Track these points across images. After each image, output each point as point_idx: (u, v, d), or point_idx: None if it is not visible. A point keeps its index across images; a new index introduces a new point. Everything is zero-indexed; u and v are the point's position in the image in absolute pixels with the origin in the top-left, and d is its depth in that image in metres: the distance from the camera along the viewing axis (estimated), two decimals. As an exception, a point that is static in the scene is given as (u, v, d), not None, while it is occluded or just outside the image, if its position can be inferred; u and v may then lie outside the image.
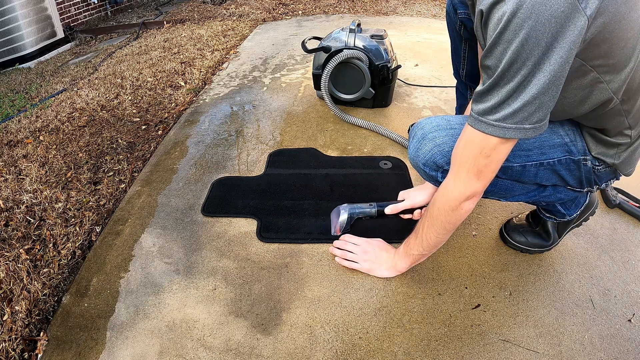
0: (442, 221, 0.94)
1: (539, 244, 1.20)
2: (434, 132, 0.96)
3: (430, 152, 0.96)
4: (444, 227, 0.96)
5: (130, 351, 1.00)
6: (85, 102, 2.46)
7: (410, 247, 1.08)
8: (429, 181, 1.06)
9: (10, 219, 1.45)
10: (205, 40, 3.49)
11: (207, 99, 2.34)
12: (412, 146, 1.02)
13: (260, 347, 0.99)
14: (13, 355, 1.00)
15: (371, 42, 1.91)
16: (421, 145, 0.98)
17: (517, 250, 1.22)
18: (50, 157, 1.83)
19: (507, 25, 0.66)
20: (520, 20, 0.65)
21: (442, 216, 0.93)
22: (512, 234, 1.23)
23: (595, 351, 0.96)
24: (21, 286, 1.17)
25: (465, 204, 0.89)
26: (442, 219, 0.94)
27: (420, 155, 0.99)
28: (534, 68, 0.68)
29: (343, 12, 4.48)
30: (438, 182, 1.00)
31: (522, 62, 0.68)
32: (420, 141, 0.98)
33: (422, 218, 1.03)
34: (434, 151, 0.96)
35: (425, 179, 1.06)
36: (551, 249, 1.21)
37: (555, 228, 1.18)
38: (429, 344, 0.98)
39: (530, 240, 1.20)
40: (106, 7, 5.74)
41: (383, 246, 1.19)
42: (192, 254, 1.26)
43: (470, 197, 0.87)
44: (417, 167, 1.03)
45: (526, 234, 1.21)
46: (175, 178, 1.63)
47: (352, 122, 1.92)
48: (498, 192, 1.02)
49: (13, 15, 4.10)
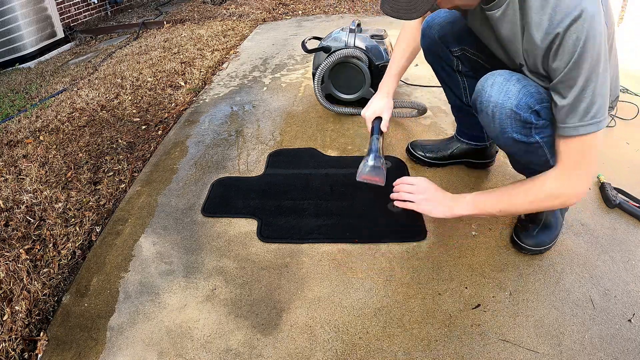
0: (541, 204, 1.02)
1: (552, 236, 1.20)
2: (515, 76, 0.96)
3: (520, 92, 0.94)
4: (537, 207, 1.04)
5: (130, 351, 1.00)
6: (85, 102, 2.46)
7: (484, 201, 1.08)
8: (515, 132, 0.98)
9: (10, 219, 1.45)
10: (205, 40, 3.49)
11: (207, 99, 2.34)
12: (495, 91, 0.96)
13: (260, 347, 0.99)
14: (13, 355, 1.00)
15: (371, 42, 1.91)
16: (508, 88, 0.95)
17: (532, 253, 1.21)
18: (50, 157, 1.83)
19: (585, 45, 0.81)
20: (592, 41, 0.81)
21: (544, 200, 0.99)
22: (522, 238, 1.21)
23: (595, 351, 0.96)
24: (21, 286, 1.17)
25: (572, 199, 1.00)
26: (543, 203, 1.01)
27: (511, 97, 0.94)
28: (602, 70, 0.84)
29: (343, 12, 4.48)
30: (532, 125, 0.96)
31: (596, 68, 0.83)
32: (505, 84, 0.95)
33: (514, 184, 1.06)
34: (524, 92, 0.94)
35: (512, 129, 0.97)
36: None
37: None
38: (429, 344, 0.98)
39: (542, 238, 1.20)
40: (106, 7, 5.74)
41: (437, 187, 1.19)
42: (192, 254, 1.26)
43: (579, 195, 0.98)
44: (505, 112, 0.96)
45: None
46: (175, 178, 1.63)
47: (347, 112, 1.96)
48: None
49: (13, 15, 4.10)
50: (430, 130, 1.87)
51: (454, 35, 1.26)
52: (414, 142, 1.64)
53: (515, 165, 1.20)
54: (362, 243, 1.26)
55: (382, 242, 1.26)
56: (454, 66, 1.33)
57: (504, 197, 1.06)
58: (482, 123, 1.06)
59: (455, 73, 1.35)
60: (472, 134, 1.50)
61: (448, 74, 1.37)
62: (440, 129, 1.87)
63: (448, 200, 1.15)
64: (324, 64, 1.84)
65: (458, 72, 1.35)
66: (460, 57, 1.30)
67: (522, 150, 1.03)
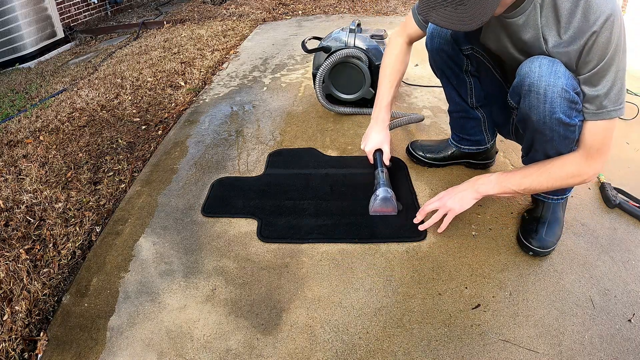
0: (562, 181, 1.08)
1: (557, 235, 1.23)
2: (556, 60, 1.00)
3: (566, 73, 0.98)
4: (559, 185, 1.09)
5: (130, 351, 1.00)
6: (85, 102, 2.46)
7: (508, 179, 1.13)
8: (562, 112, 0.99)
9: (10, 219, 1.45)
10: (205, 40, 3.49)
11: (207, 99, 2.34)
12: (544, 71, 0.98)
13: (260, 347, 0.99)
14: (13, 355, 1.00)
15: (371, 42, 1.91)
16: (556, 69, 0.98)
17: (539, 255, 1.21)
18: (50, 157, 1.83)
19: (617, 41, 0.91)
20: (621, 36, 0.91)
21: (564, 179, 1.07)
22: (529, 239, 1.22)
23: (595, 351, 0.96)
24: (21, 286, 1.17)
25: (590, 179, 1.07)
26: (563, 181, 1.08)
27: (561, 77, 0.97)
28: (624, 60, 0.94)
29: (343, 12, 4.48)
30: (576, 106, 0.99)
31: (623, 60, 0.94)
32: (552, 65, 0.98)
33: (535, 164, 1.12)
34: (568, 74, 0.98)
35: (561, 109, 0.99)
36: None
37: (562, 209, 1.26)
38: (429, 344, 0.98)
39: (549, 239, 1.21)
40: (106, 7, 5.74)
41: (456, 188, 1.23)
42: (192, 254, 1.26)
43: (595, 175, 1.08)
44: (557, 90, 0.97)
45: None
46: (175, 178, 1.63)
47: (347, 111, 1.97)
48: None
49: (13, 15, 4.10)
50: (431, 130, 1.87)
51: (466, 33, 1.26)
52: (414, 143, 1.64)
53: (535, 154, 1.17)
54: (362, 243, 1.26)
55: (382, 242, 1.26)
56: (463, 66, 1.33)
57: (529, 176, 1.10)
58: (528, 106, 1.04)
59: (463, 74, 1.35)
60: (474, 139, 1.49)
61: (456, 75, 1.37)
62: (441, 129, 1.87)
63: (471, 185, 1.19)
64: (324, 65, 1.84)
65: (466, 73, 1.35)
66: (470, 55, 1.30)
67: (559, 135, 1.04)
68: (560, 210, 1.26)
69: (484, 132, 1.46)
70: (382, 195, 1.32)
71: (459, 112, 1.47)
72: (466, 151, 1.53)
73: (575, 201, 1.41)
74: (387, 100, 1.39)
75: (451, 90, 1.43)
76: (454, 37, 1.28)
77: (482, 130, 1.46)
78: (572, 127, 1.02)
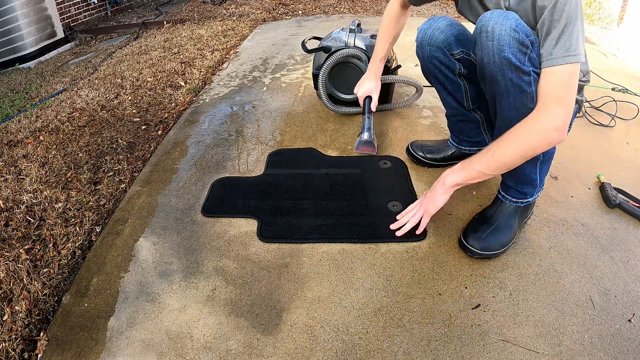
0: (525, 144, 1.02)
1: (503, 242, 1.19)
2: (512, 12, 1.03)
3: (519, 20, 1.01)
4: (523, 150, 1.03)
5: (130, 351, 1.00)
6: (85, 102, 2.46)
7: (472, 162, 1.11)
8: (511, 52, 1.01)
9: (10, 219, 1.45)
10: (205, 40, 3.49)
11: (207, 99, 2.34)
12: (496, 14, 1.02)
13: (260, 347, 0.99)
14: (13, 355, 1.00)
15: (371, 42, 1.91)
16: (508, 15, 1.02)
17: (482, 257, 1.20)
18: (50, 157, 1.83)
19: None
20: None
21: (527, 138, 1.02)
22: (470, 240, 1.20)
23: (595, 351, 0.96)
24: (21, 286, 1.17)
25: (553, 133, 1.00)
26: (526, 141, 1.02)
27: (511, 19, 1.00)
28: (579, 10, 0.97)
29: (343, 12, 4.48)
30: (527, 50, 1.01)
31: (576, 6, 0.96)
32: (505, 13, 1.03)
33: (498, 139, 1.07)
34: (521, 22, 1.01)
35: (509, 48, 1.01)
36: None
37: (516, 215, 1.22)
38: (429, 344, 0.98)
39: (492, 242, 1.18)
40: (106, 7, 5.74)
41: (429, 192, 1.24)
42: (192, 254, 1.26)
43: (559, 129, 1.00)
44: (505, 29, 1.00)
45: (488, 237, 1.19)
46: (175, 178, 1.63)
47: (352, 112, 1.98)
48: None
49: (13, 15, 4.10)
50: (431, 130, 1.87)
51: (455, 37, 1.28)
52: (414, 143, 1.64)
53: (500, 124, 1.17)
54: (362, 243, 1.26)
55: (382, 242, 1.26)
56: (456, 71, 1.34)
57: (492, 150, 1.07)
58: (480, 49, 1.06)
59: (457, 77, 1.36)
60: (474, 141, 1.50)
61: (450, 80, 1.37)
62: (441, 129, 1.87)
63: (439, 180, 1.19)
64: (326, 65, 1.84)
65: (459, 76, 1.35)
66: (461, 59, 1.31)
67: (513, 84, 1.04)
68: (515, 216, 1.23)
69: (483, 133, 1.47)
70: (366, 137, 1.62)
71: (456, 115, 1.47)
72: (467, 152, 1.53)
73: (575, 201, 1.41)
74: (381, 55, 1.58)
75: (446, 95, 1.44)
76: (444, 43, 1.29)
77: (481, 132, 1.46)
78: (525, 74, 1.02)
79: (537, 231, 1.29)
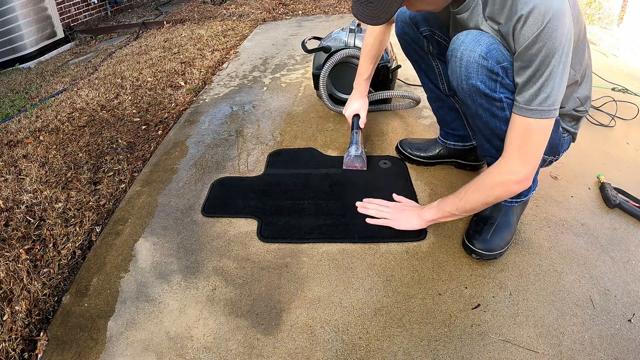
0: (488, 194, 1.05)
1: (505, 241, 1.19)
2: (489, 34, 0.99)
3: (492, 45, 0.96)
4: (485, 199, 1.07)
5: (130, 351, 1.00)
6: (85, 102, 2.46)
7: (446, 203, 1.16)
8: (480, 80, 0.99)
9: (10, 219, 1.45)
10: (205, 40, 3.49)
11: (207, 99, 2.34)
12: (469, 39, 0.99)
13: (260, 347, 0.99)
14: (13, 355, 1.00)
15: (371, 42, 1.91)
16: (481, 39, 0.97)
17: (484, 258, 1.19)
18: (50, 157, 1.83)
19: (543, 28, 0.85)
20: (552, 28, 0.85)
21: (489, 189, 1.04)
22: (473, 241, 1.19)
23: (595, 351, 0.96)
24: (21, 286, 1.17)
25: (514, 186, 1.01)
26: (489, 192, 1.05)
27: (482, 45, 0.96)
28: (557, 62, 0.88)
29: (343, 12, 4.48)
30: (497, 78, 0.97)
31: (552, 57, 0.87)
32: (479, 35, 0.98)
33: (469, 183, 1.11)
34: (495, 47, 0.96)
35: (477, 76, 0.98)
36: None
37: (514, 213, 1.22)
38: (429, 344, 0.98)
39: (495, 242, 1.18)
40: (106, 7, 5.74)
41: (407, 205, 1.33)
42: (192, 254, 1.26)
43: (521, 182, 1.00)
44: (474, 56, 0.98)
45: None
46: (175, 178, 1.63)
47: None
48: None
49: (13, 15, 4.10)
50: (430, 131, 1.87)
51: (423, 16, 1.29)
52: (403, 141, 1.67)
53: (478, 140, 1.18)
54: (362, 243, 1.26)
55: (382, 242, 1.26)
56: (424, 47, 1.34)
57: (463, 195, 1.11)
58: (451, 72, 1.06)
59: (427, 55, 1.37)
60: (457, 134, 1.50)
61: (421, 57, 1.39)
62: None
63: (418, 211, 1.26)
64: (327, 65, 1.84)
65: (429, 54, 1.36)
66: (428, 37, 1.31)
67: (484, 109, 1.03)
68: (513, 214, 1.23)
69: (466, 126, 1.47)
70: (354, 153, 1.59)
71: (436, 101, 1.49)
72: (452, 147, 1.53)
73: (575, 201, 1.41)
74: (366, 75, 1.59)
75: (422, 75, 1.47)
76: (411, 19, 1.31)
77: (464, 125, 1.47)
78: (496, 101, 1.00)
79: (537, 231, 1.29)
